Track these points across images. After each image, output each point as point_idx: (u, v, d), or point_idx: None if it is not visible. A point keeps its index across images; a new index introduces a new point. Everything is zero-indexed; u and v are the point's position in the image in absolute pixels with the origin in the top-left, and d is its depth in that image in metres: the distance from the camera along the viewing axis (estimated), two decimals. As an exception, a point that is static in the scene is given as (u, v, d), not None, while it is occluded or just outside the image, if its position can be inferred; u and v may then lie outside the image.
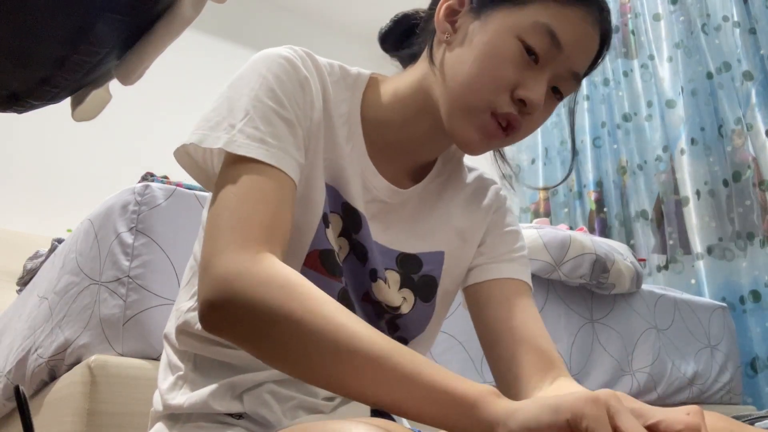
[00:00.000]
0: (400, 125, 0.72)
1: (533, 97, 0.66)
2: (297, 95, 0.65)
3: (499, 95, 0.66)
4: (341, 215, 0.70)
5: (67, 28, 0.49)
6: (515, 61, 0.66)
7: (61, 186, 3.08)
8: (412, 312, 0.74)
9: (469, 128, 0.67)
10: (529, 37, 0.65)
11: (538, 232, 1.55)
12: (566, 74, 0.68)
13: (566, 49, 0.66)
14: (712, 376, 1.90)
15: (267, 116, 0.63)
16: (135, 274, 0.98)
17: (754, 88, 2.29)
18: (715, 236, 2.32)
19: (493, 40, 0.66)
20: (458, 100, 0.68)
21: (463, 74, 0.67)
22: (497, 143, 0.70)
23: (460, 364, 1.34)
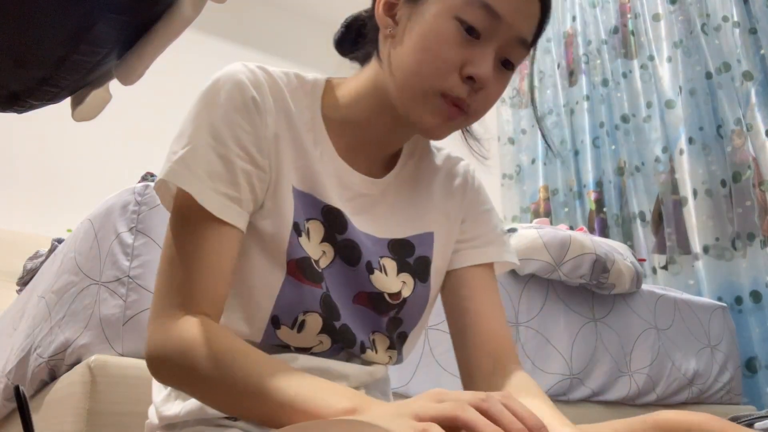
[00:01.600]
0: (363, 123, 0.74)
1: (481, 72, 0.66)
2: (241, 123, 0.66)
3: (447, 77, 0.66)
4: (321, 221, 0.71)
5: (67, 28, 0.49)
6: (457, 41, 0.66)
7: (61, 186, 3.08)
8: (413, 295, 0.75)
9: (426, 115, 0.68)
10: (466, 14, 0.66)
11: (538, 232, 1.55)
12: (512, 43, 0.69)
13: (505, 18, 0.67)
14: (711, 376, 1.90)
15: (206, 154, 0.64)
16: (135, 274, 0.98)
17: (754, 88, 2.28)
18: (714, 236, 2.32)
19: (432, 24, 0.67)
20: (409, 90, 0.68)
21: (408, 63, 0.68)
22: (457, 124, 0.71)
23: (460, 364, 1.34)
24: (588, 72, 3.00)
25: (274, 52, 4.03)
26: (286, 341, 0.69)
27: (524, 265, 1.52)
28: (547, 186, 3.08)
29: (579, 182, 2.93)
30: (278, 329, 0.68)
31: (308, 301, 0.68)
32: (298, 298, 0.67)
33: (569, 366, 1.53)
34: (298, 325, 0.68)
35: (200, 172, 0.63)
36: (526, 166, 3.25)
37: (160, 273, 0.65)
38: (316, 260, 0.69)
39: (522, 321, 1.49)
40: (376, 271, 0.73)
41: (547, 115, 3.20)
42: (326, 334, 0.70)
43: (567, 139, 3.02)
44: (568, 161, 3.00)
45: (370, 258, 0.72)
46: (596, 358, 1.60)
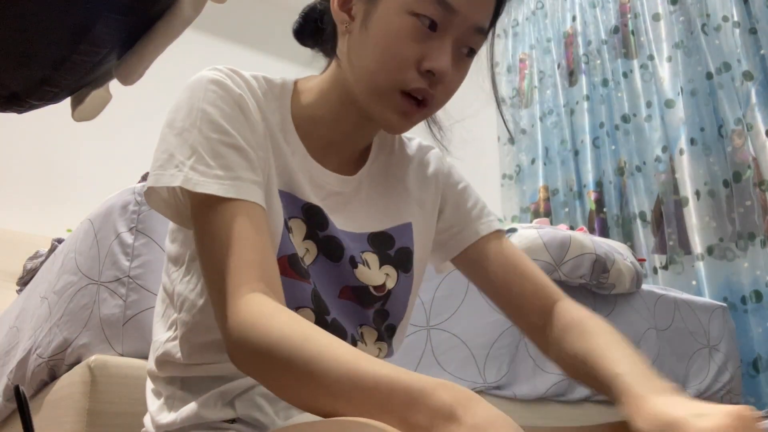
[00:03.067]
0: (330, 121, 0.74)
1: (439, 66, 0.66)
2: (237, 117, 0.66)
3: (405, 73, 0.67)
4: (303, 219, 0.71)
5: (67, 28, 0.49)
6: (413, 36, 0.66)
7: (61, 186, 3.08)
8: (397, 286, 0.76)
9: (385, 111, 0.69)
10: (420, 8, 0.66)
11: (538, 232, 1.55)
12: (470, 31, 0.69)
13: (460, 9, 0.67)
14: (711, 376, 1.90)
15: (214, 149, 0.63)
16: (135, 274, 0.98)
17: (754, 88, 2.28)
18: (715, 236, 2.32)
19: (388, 20, 0.67)
20: (368, 86, 0.69)
21: (366, 60, 0.68)
22: (417, 118, 0.71)
23: (461, 362, 1.34)
24: (588, 72, 3.00)
25: (274, 52, 4.03)
26: None
27: (524, 265, 1.52)
28: (547, 186, 3.08)
29: (579, 182, 2.93)
30: None
31: (300, 297, 0.68)
32: (290, 294, 0.67)
33: (569, 366, 1.53)
34: None
35: (216, 170, 0.63)
36: (526, 166, 3.25)
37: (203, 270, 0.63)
38: (301, 257, 0.70)
39: (522, 321, 1.49)
40: (360, 266, 0.73)
41: (547, 115, 3.20)
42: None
43: (567, 139, 3.02)
44: (568, 161, 3.00)
45: (352, 253, 0.73)
46: (596, 358, 1.60)
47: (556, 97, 3.16)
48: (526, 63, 3.46)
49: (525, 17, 3.53)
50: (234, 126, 0.65)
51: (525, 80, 3.42)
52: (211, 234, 0.62)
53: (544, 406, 1.48)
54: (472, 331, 1.38)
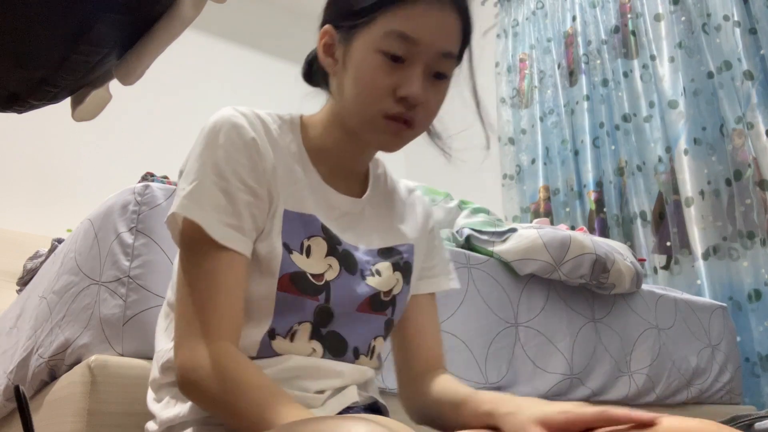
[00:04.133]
0: (337, 150, 0.83)
1: (410, 92, 0.75)
2: (241, 159, 0.74)
3: (383, 102, 0.76)
4: (323, 237, 0.79)
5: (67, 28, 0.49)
6: (384, 69, 0.75)
7: (61, 186, 3.08)
8: (401, 294, 0.85)
9: (376, 135, 0.78)
10: (386, 46, 0.75)
11: (538, 232, 1.55)
12: (436, 57, 0.77)
13: (422, 40, 0.75)
14: (712, 376, 1.90)
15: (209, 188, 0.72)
16: (135, 274, 0.98)
17: (755, 88, 2.28)
18: (715, 236, 2.32)
19: (360, 59, 0.77)
20: (356, 117, 0.78)
21: (349, 95, 0.78)
22: (406, 136, 0.79)
23: (463, 363, 1.34)
24: (588, 72, 3.00)
25: (274, 52, 4.03)
26: (281, 351, 0.75)
27: (524, 265, 1.52)
28: (548, 186, 3.08)
29: (579, 182, 2.93)
30: (273, 340, 0.75)
31: (302, 312, 0.76)
32: (292, 310, 0.75)
33: (570, 366, 1.53)
34: (291, 335, 0.76)
35: (206, 205, 0.71)
36: (526, 166, 3.24)
37: (180, 301, 0.72)
38: (320, 274, 0.77)
39: (522, 321, 1.49)
40: (368, 277, 0.82)
41: (547, 115, 3.20)
42: (316, 340, 0.77)
43: (567, 139, 3.02)
44: (569, 161, 3.00)
45: (362, 267, 0.81)
46: (596, 359, 1.60)
47: (557, 97, 3.15)
48: (526, 63, 3.45)
49: (525, 17, 3.53)
50: (234, 170, 0.73)
51: (525, 80, 3.42)
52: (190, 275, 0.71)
53: (544, 406, 1.48)
54: (471, 332, 1.38)
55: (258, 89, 3.91)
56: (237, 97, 3.80)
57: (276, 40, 4.07)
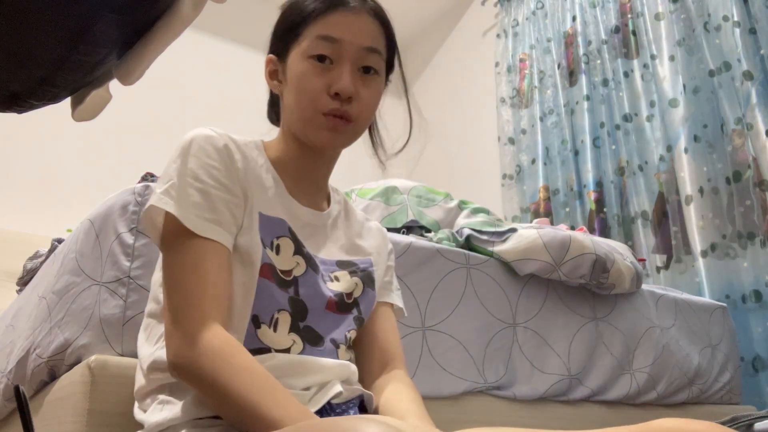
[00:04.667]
0: (293, 161, 0.91)
1: (340, 87, 0.84)
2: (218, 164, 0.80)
3: (319, 100, 0.84)
4: (290, 237, 0.85)
5: (67, 28, 0.49)
6: (315, 72, 0.85)
7: (61, 186, 3.08)
8: (363, 296, 0.92)
9: (317, 132, 0.86)
10: (312, 50, 0.86)
11: (538, 232, 1.55)
12: (360, 53, 0.87)
13: (344, 38, 0.85)
14: (712, 375, 1.90)
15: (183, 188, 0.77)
16: (135, 274, 0.98)
17: (754, 88, 2.28)
18: (715, 236, 2.32)
19: (295, 70, 0.87)
20: (298, 121, 0.87)
21: (293, 103, 0.87)
22: (347, 131, 0.87)
23: (460, 363, 1.34)
24: (588, 72, 3.00)
25: (274, 52, 4.03)
26: (266, 342, 0.79)
27: (524, 265, 1.52)
28: (548, 186, 3.08)
29: (579, 182, 2.92)
30: (259, 328, 0.79)
31: (280, 300, 0.81)
32: (271, 296, 0.80)
33: (567, 366, 1.53)
34: (274, 323, 0.80)
35: (183, 202, 0.76)
36: (526, 166, 3.24)
37: (169, 297, 0.75)
38: (289, 270, 0.83)
39: (520, 321, 1.49)
40: (328, 282, 0.88)
41: (547, 115, 3.20)
42: (295, 333, 0.82)
43: (567, 139, 3.02)
44: (569, 161, 3.00)
45: (322, 272, 0.88)
46: (596, 358, 1.60)
47: (557, 97, 3.15)
48: (526, 63, 3.45)
49: (525, 17, 3.53)
50: (209, 173, 0.79)
51: (525, 80, 3.42)
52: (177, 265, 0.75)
53: (544, 406, 1.48)
54: (468, 333, 1.38)
55: (258, 89, 3.90)
56: (237, 97, 3.80)
57: (276, 40, 4.06)
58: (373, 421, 0.49)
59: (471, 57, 3.99)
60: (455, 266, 1.41)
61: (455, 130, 3.86)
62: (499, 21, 3.72)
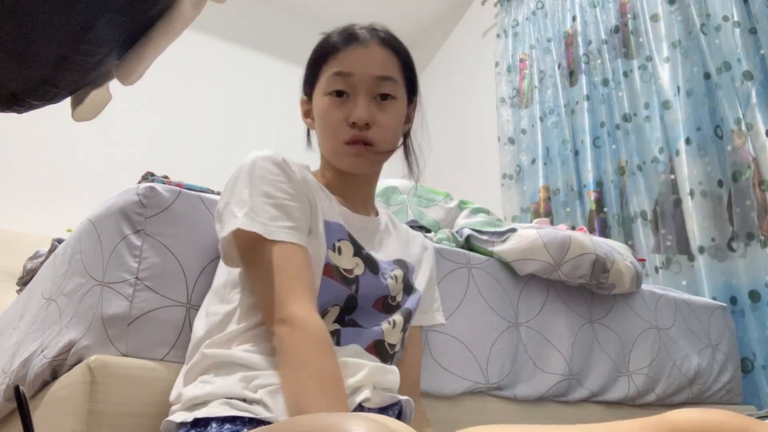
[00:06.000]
0: (339, 186, 1.01)
1: (356, 115, 0.93)
2: (283, 178, 0.88)
3: (340, 131, 0.95)
4: (350, 240, 0.94)
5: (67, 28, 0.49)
6: (334, 106, 0.95)
7: (61, 186, 3.08)
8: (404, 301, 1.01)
9: (343, 159, 0.97)
10: (329, 87, 0.96)
11: (538, 232, 1.55)
12: (374, 82, 0.96)
13: (355, 71, 0.95)
14: (712, 376, 1.90)
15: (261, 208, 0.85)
16: (143, 276, 0.98)
17: (754, 88, 2.28)
18: (714, 236, 2.32)
19: (318, 107, 0.98)
20: (328, 152, 0.99)
21: (321, 137, 1.00)
22: (370, 155, 0.96)
23: (463, 363, 1.34)
24: (588, 72, 3.00)
25: (274, 52, 4.03)
26: None
27: (524, 265, 1.52)
28: (548, 186, 3.08)
29: (579, 182, 2.92)
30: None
31: (336, 297, 0.89)
32: (329, 292, 0.89)
33: (569, 366, 1.53)
34: (324, 314, 0.88)
35: (263, 219, 0.84)
36: (526, 166, 3.24)
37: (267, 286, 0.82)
38: (350, 269, 0.92)
39: (522, 321, 1.49)
40: (389, 280, 0.97)
41: (547, 115, 3.20)
42: (338, 324, 0.90)
43: (567, 139, 3.02)
44: (569, 161, 3.00)
45: (383, 270, 0.97)
46: (593, 359, 1.60)
47: (557, 97, 3.15)
48: (526, 63, 3.45)
49: (525, 17, 3.53)
50: (277, 187, 0.87)
51: (525, 80, 3.42)
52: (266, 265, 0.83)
53: (545, 407, 1.48)
54: (470, 333, 1.38)
55: (258, 89, 3.91)
56: (236, 97, 3.80)
57: (276, 40, 4.07)
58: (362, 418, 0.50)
59: (471, 57, 3.99)
60: (455, 266, 1.41)
61: (455, 130, 3.86)
62: (499, 21, 3.72)
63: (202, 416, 0.77)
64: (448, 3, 4.23)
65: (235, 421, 0.75)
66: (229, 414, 0.76)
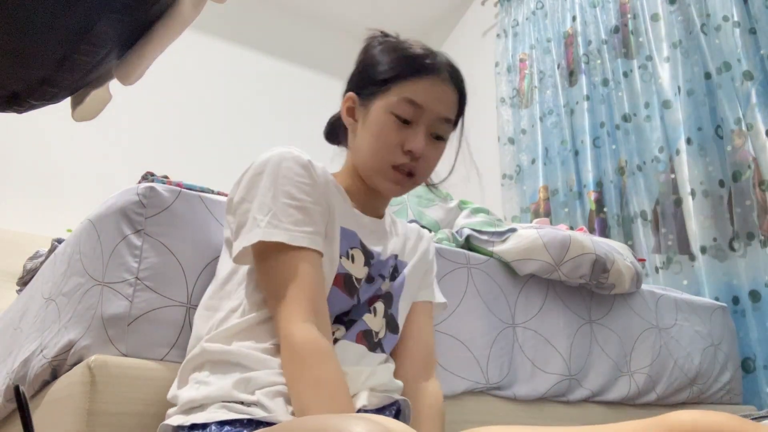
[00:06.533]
0: (358, 193, 1.01)
1: (415, 147, 0.94)
2: (306, 181, 0.89)
3: (393, 153, 0.95)
4: (361, 250, 0.97)
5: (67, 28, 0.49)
6: (394, 128, 0.95)
7: (61, 186, 3.08)
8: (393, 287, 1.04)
9: (383, 182, 0.97)
10: (397, 109, 0.95)
11: (538, 232, 1.55)
12: (437, 122, 0.97)
13: (426, 107, 0.95)
14: (712, 376, 1.89)
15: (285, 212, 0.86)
16: (143, 276, 0.98)
17: (754, 88, 2.28)
18: (714, 236, 2.32)
19: (376, 119, 0.96)
20: (369, 168, 0.97)
21: (365, 148, 0.97)
22: (407, 186, 0.98)
23: (463, 363, 1.34)
24: (588, 72, 3.00)
25: (274, 52, 4.03)
26: None
27: (524, 265, 1.52)
28: (547, 186, 3.08)
29: (579, 182, 2.92)
30: None
31: (341, 308, 0.92)
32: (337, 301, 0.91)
33: (568, 366, 1.53)
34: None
35: (287, 225, 0.85)
36: (526, 166, 3.24)
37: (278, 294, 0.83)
38: (360, 278, 0.95)
39: (519, 322, 1.49)
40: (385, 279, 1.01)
41: (547, 115, 3.20)
42: (338, 324, 0.93)
43: (567, 139, 3.02)
44: (568, 161, 3.00)
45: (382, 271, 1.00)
46: (592, 360, 1.60)
47: (556, 97, 3.15)
48: (526, 63, 3.45)
49: (525, 17, 3.53)
50: (301, 189, 0.88)
51: (525, 80, 3.42)
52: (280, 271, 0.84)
53: (544, 407, 1.48)
54: (471, 332, 1.38)
55: (258, 89, 3.90)
56: (237, 97, 3.80)
57: (276, 40, 4.07)
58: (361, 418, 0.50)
59: (471, 57, 3.99)
60: (455, 266, 1.41)
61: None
62: (499, 21, 3.72)
63: (201, 422, 0.77)
64: (448, 3, 4.23)
65: (234, 423, 0.75)
66: (227, 417, 0.76)
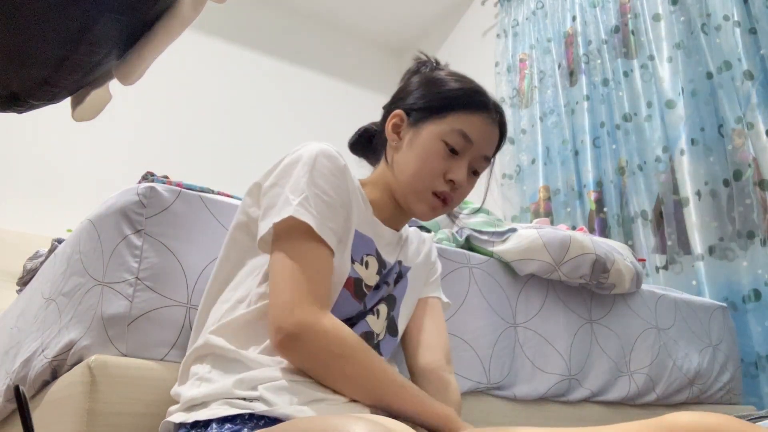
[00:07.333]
0: (380, 203, 1.03)
1: (458, 178, 0.98)
2: (339, 181, 0.91)
3: (435, 180, 0.98)
4: (376, 257, 0.98)
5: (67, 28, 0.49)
6: (442, 156, 0.98)
7: (61, 186, 3.08)
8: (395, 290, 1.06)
9: (419, 205, 1.00)
10: (449, 138, 0.98)
11: (538, 232, 1.55)
12: (479, 158, 1.01)
13: (476, 142, 0.99)
14: (712, 376, 1.89)
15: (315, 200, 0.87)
16: (143, 276, 0.98)
17: (755, 88, 2.28)
18: (715, 236, 2.32)
19: (426, 143, 0.98)
20: (408, 187, 0.99)
21: (409, 169, 0.99)
22: (440, 212, 1.01)
23: (467, 362, 1.34)
24: (588, 72, 3.00)
25: (273, 52, 4.03)
26: None
27: (524, 265, 1.52)
28: (548, 186, 3.08)
29: (579, 182, 2.92)
30: None
31: (349, 309, 0.93)
32: (345, 304, 0.92)
33: (568, 367, 1.53)
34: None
35: (314, 211, 0.86)
36: (526, 166, 3.24)
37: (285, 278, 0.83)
38: (371, 285, 0.96)
39: (520, 322, 1.49)
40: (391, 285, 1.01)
41: (547, 115, 3.20)
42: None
43: (567, 139, 3.02)
44: (569, 161, 3.00)
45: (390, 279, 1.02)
46: (592, 360, 1.60)
47: (557, 97, 3.15)
48: (526, 63, 3.45)
49: (525, 17, 3.53)
50: (333, 187, 0.90)
51: (525, 80, 3.42)
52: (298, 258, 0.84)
53: (545, 407, 1.48)
54: (473, 332, 1.38)
55: (258, 89, 3.90)
56: (236, 97, 3.80)
57: (276, 40, 4.07)
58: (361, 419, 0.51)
59: (471, 57, 3.99)
60: (455, 266, 1.41)
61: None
62: (499, 21, 3.72)
63: (203, 419, 0.77)
64: (448, 3, 4.23)
65: (235, 419, 0.76)
66: (229, 413, 0.76)
